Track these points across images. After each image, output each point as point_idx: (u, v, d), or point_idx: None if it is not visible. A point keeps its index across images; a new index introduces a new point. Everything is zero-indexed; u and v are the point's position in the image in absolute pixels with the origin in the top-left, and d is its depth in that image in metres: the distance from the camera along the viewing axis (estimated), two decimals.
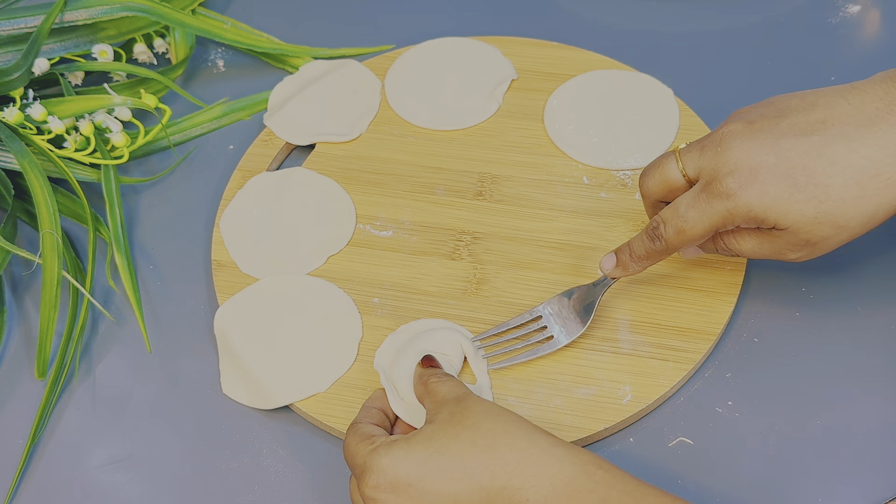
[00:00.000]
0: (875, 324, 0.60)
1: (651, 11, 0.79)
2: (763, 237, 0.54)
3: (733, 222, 0.53)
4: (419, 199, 0.68)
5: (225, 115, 0.75)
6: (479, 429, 0.48)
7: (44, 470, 0.59)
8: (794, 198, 0.51)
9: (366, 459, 0.48)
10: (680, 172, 0.55)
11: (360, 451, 0.49)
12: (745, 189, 0.51)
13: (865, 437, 0.56)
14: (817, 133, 0.51)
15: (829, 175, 0.50)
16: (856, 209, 0.51)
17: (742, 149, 0.52)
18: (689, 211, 0.53)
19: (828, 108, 0.52)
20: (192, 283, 0.66)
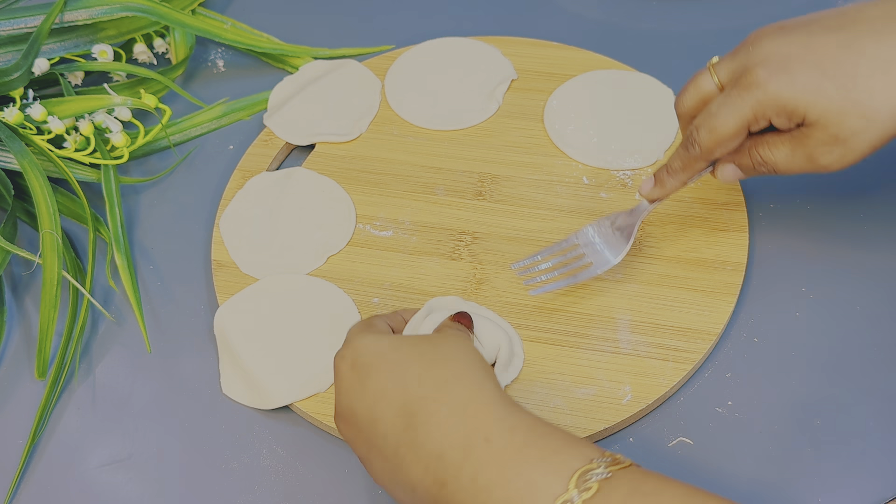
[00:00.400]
0: (875, 324, 0.60)
1: (651, 11, 0.79)
2: (794, 141, 0.54)
3: (764, 114, 0.53)
4: (419, 199, 0.68)
5: (225, 115, 0.75)
6: (436, 348, 0.50)
7: (44, 470, 0.59)
8: (823, 85, 0.52)
9: (351, 337, 0.51)
10: (715, 84, 0.56)
11: (354, 331, 0.52)
12: (775, 77, 0.52)
13: (865, 437, 0.56)
14: (846, 29, 0.52)
15: (857, 64, 0.51)
16: (884, 98, 0.51)
17: (772, 43, 0.53)
18: (720, 108, 0.54)
19: (857, 11, 0.53)
20: (192, 283, 0.66)
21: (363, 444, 0.49)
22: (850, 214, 0.65)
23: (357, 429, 0.49)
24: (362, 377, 0.49)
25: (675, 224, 0.65)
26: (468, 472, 0.45)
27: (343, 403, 0.50)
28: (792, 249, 0.64)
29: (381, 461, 0.48)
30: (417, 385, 0.47)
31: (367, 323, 0.54)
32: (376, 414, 0.48)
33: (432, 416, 0.46)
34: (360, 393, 0.49)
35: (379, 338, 0.50)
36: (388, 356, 0.49)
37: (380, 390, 0.48)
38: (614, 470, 0.43)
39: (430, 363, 0.48)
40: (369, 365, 0.49)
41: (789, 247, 0.64)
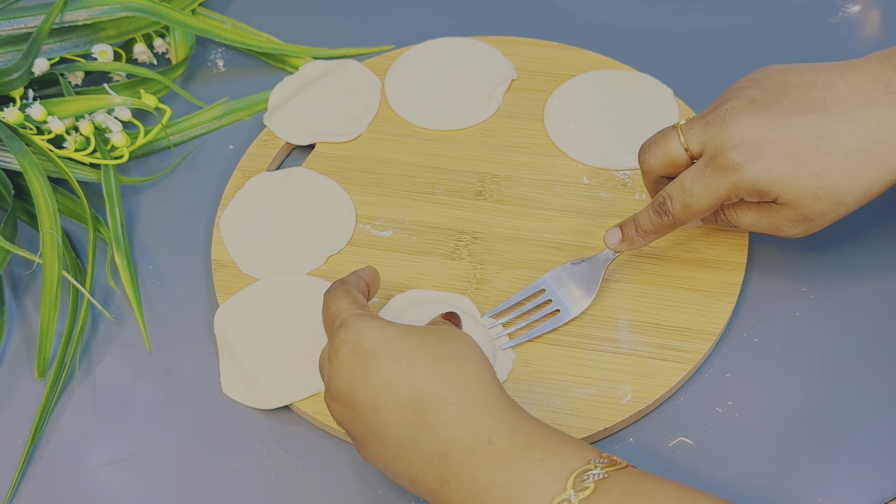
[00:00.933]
0: (875, 324, 0.60)
1: (651, 11, 0.79)
2: (763, 211, 0.56)
3: (738, 195, 0.55)
4: (419, 199, 0.68)
5: (225, 115, 0.75)
6: (443, 344, 0.50)
7: (44, 470, 0.59)
8: (797, 173, 0.53)
9: (350, 317, 0.51)
10: (682, 147, 0.56)
11: (348, 308, 0.52)
12: (751, 163, 0.53)
13: (865, 437, 0.56)
14: (818, 111, 0.53)
15: (830, 152, 0.53)
16: (853, 184, 0.53)
17: (746, 124, 0.54)
18: (694, 185, 0.55)
19: (826, 87, 0.54)
20: (192, 283, 0.66)
21: (360, 427, 0.50)
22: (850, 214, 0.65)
23: (355, 413, 0.49)
24: (366, 363, 0.49)
25: None
26: (470, 471, 0.45)
27: (341, 386, 0.50)
28: (792, 249, 0.64)
29: (378, 447, 0.49)
30: (425, 381, 0.48)
31: (352, 297, 0.53)
32: (379, 402, 0.48)
33: (440, 414, 0.47)
34: (364, 379, 0.49)
35: (383, 324, 0.50)
36: (394, 345, 0.49)
37: (386, 379, 0.48)
38: (610, 471, 0.44)
39: (438, 359, 0.49)
40: (375, 352, 0.49)
41: (789, 247, 0.64)
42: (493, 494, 0.45)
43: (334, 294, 0.53)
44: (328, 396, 0.51)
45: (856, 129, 0.53)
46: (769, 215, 0.56)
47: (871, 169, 0.53)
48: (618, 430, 0.57)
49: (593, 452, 0.46)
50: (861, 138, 0.53)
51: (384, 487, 0.56)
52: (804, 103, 0.54)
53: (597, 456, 0.45)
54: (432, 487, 0.47)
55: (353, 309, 0.52)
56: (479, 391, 0.48)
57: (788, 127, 0.53)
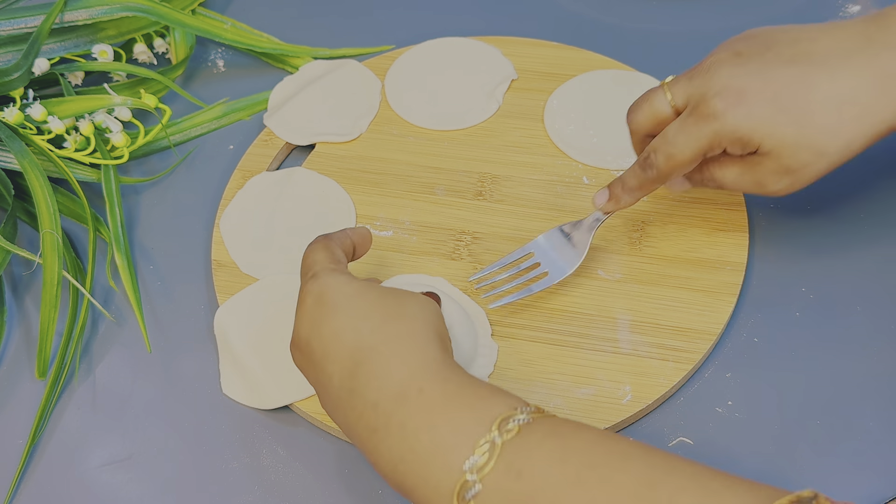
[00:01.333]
0: (875, 324, 0.60)
1: (651, 11, 0.79)
2: (746, 165, 0.56)
3: (720, 144, 0.55)
4: (419, 199, 0.68)
5: (225, 115, 0.75)
6: (399, 303, 0.51)
7: (44, 470, 0.59)
8: (778, 119, 0.53)
9: (321, 270, 0.52)
10: (668, 103, 0.57)
11: (321, 261, 0.53)
12: (732, 109, 0.54)
13: (865, 437, 0.56)
14: (801, 63, 0.54)
15: (811, 101, 0.53)
16: (835, 134, 0.54)
17: (729, 74, 0.54)
18: (678, 136, 0.56)
19: (810, 41, 0.55)
20: (192, 283, 0.66)
21: (312, 375, 0.51)
22: (850, 214, 0.65)
23: (309, 361, 0.51)
24: (324, 314, 0.50)
25: (675, 224, 0.65)
26: (398, 418, 0.47)
27: (301, 334, 0.51)
28: (792, 249, 0.64)
29: (325, 396, 0.51)
30: (369, 334, 0.49)
31: (332, 255, 0.54)
32: (328, 353, 0.50)
33: (375, 366, 0.48)
34: (319, 328, 0.50)
35: (349, 280, 0.51)
36: (353, 300, 0.50)
37: (336, 331, 0.50)
38: (536, 417, 0.46)
39: (389, 316, 0.50)
40: (333, 303, 0.50)
41: (789, 247, 0.64)
42: (420, 439, 0.46)
43: (314, 247, 0.54)
44: (291, 345, 0.53)
45: (837, 80, 0.53)
46: (752, 169, 0.56)
47: (852, 119, 0.53)
48: (618, 430, 0.57)
49: (521, 402, 0.47)
50: (842, 88, 0.53)
51: (384, 487, 0.56)
52: (787, 55, 0.54)
53: (523, 404, 0.47)
54: (363, 436, 0.48)
55: (327, 263, 0.53)
56: (420, 347, 0.49)
57: (771, 76, 0.54)
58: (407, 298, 0.52)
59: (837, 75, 0.53)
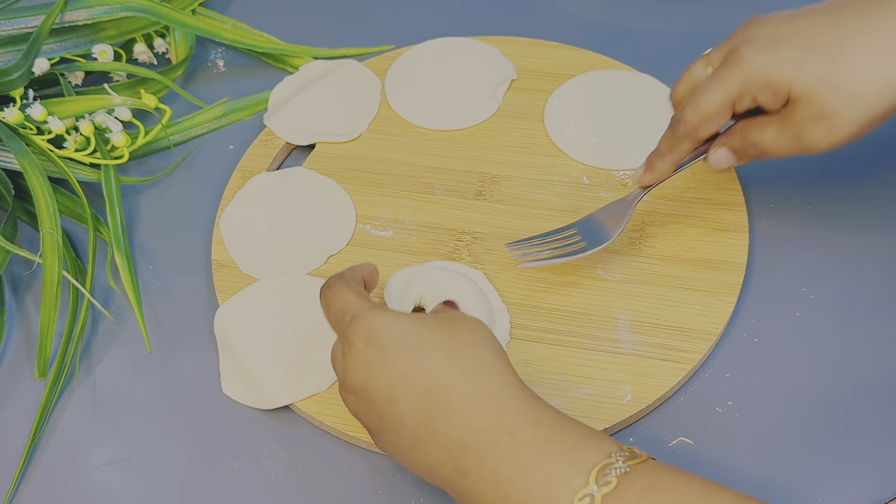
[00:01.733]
0: (875, 324, 0.60)
1: (651, 11, 0.79)
2: (782, 120, 0.55)
3: (749, 90, 0.54)
4: (419, 199, 0.68)
5: (225, 115, 0.75)
6: (457, 334, 0.49)
7: (44, 470, 0.59)
8: (806, 59, 0.53)
9: (361, 310, 0.50)
10: (707, 73, 0.57)
11: (356, 301, 0.51)
12: (759, 54, 0.54)
13: (865, 438, 0.56)
14: (832, 10, 0.54)
15: (841, 37, 0.52)
16: (867, 72, 0.52)
17: (761, 25, 0.55)
18: (706, 87, 0.56)
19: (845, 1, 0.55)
20: (192, 283, 0.66)
21: (375, 420, 0.50)
22: (850, 214, 0.65)
23: (370, 406, 0.49)
24: (380, 356, 0.49)
25: (675, 224, 0.65)
26: (490, 463, 0.45)
27: (355, 380, 0.49)
28: (792, 249, 0.64)
29: (394, 439, 0.49)
30: (440, 372, 0.48)
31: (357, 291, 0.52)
32: (395, 395, 0.48)
33: (456, 405, 0.47)
34: (379, 372, 0.49)
35: (395, 316, 0.50)
36: (408, 339, 0.49)
37: (400, 372, 0.48)
38: (632, 464, 0.44)
39: (453, 351, 0.48)
40: (388, 345, 0.49)
41: (789, 247, 0.64)
42: (514, 487, 0.45)
43: (337, 289, 0.53)
44: (343, 390, 0.51)
45: (868, 20, 0.52)
46: (788, 122, 0.54)
47: (887, 60, 0.52)
48: (618, 430, 0.57)
49: (614, 445, 0.46)
50: (874, 27, 0.52)
51: (384, 487, 0.56)
52: (820, 7, 0.55)
53: (617, 449, 0.45)
54: (451, 479, 0.47)
55: (362, 302, 0.51)
56: (496, 381, 0.48)
57: (801, 23, 0.54)
58: (458, 325, 0.50)
59: (869, 15, 0.52)
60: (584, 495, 0.43)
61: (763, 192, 0.67)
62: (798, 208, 0.66)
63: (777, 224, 0.65)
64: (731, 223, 0.64)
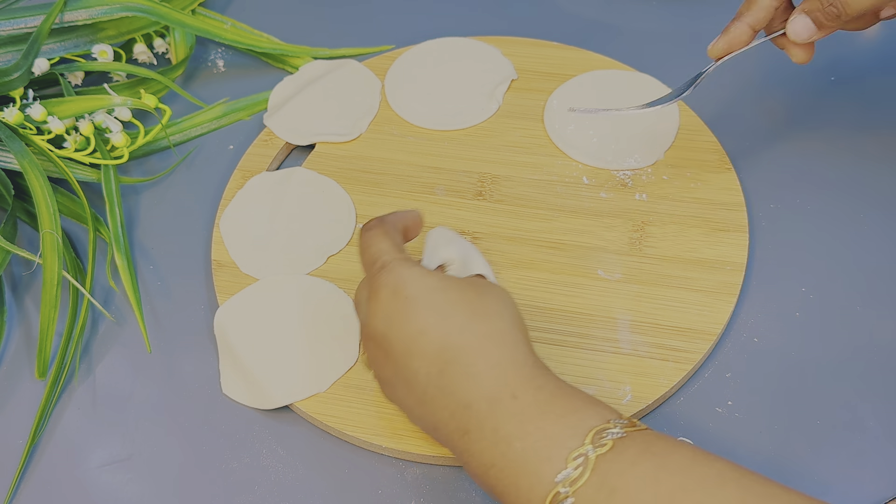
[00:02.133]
0: (875, 324, 0.60)
1: (651, 11, 0.79)
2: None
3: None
4: (419, 199, 0.68)
5: (225, 115, 0.75)
6: (482, 299, 0.50)
7: (44, 470, 0.59)
8: None
9: (392, 260, 0.51)
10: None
11: (389, 250, 0.52)
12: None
13: (865, 437, 0.56)
14: None
15: None
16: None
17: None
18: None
19: None
20: (192, 283, 0.66)
21: (390, 369, 0.51)
22: (850, 214, 0.65)
23: (387, 355, 0.50)
24: (405, 308, 0.49)
25: (675, 224, 0.65)
26: (491, 423, 0.47)
27: (377, 328, 0.50)
28: (792, 249, 0.64)
29: (405, 390, 0.50)
30: (459, 333, 0.48)
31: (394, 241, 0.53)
32: (413, 349, 0.49)
33: (468, 367, 0.48)
34: (401, 323, 0.49)
35: (425, 272, 0.50)
36: (434, 295, 0.49)
37: (421, 327, 0.49)
38: (629, 431, 0.45)
39: (474, 314, 0.49)
40: (414, 299, 0.49)
41: (789, 247, 0.64)
42: (513, 446, 0.46)
43: (374, 234, 0.53)
44: (364, 335, 0.52)
45: None
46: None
47: None
48: None
49: (613, 413, 0.47)
50: None
51: (384, 487, 0.56)
52: None
53: (616, 416, 0.46)
54: (453, 437, 0.48)
55: (394, 252, 0.52)
56: (510, 348, 0.49)
57: None
58: (487, 292, 0.51)
59: None
60: (578, 454, 0.44)
61: (763, 192, 0.67)
62: (798, 208, 0.66)
63: (777, 224, 0.65)
64: (731, 223, 0.64)
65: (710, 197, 0.66)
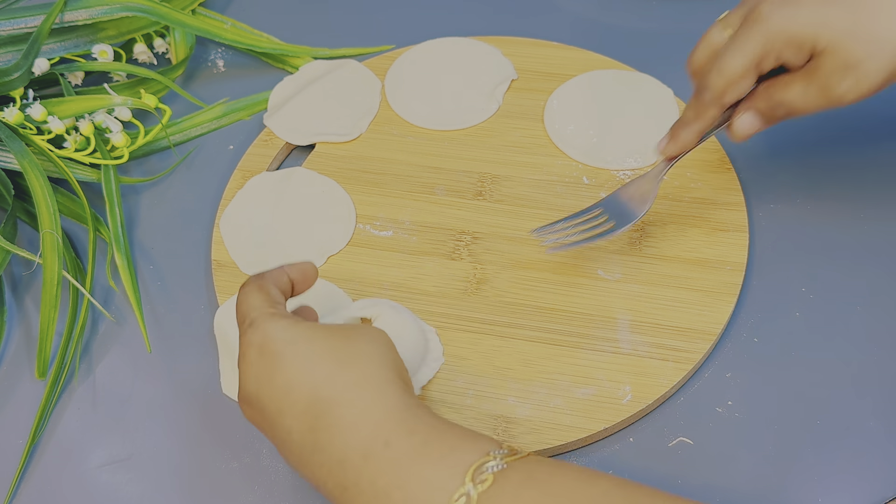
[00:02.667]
0: (875, 324, 0.60)
1: (651, 11, 0.79)
2: (807, 75, 0.54)
3: (773, 48, 0.53)
4: (419, 199, 0.68)
5: (225, 115, 0.75)
6: (349, 343, 0.48)
7: (44, 470, 0.59)
8: (828, 13, 0.52)
9: (259, 316, 0.49)
10: (725, 36, 0.56)
11: (258, 307, 0.50)
12: (778, 10, 0.53)
13: (865, 437, 0.56)
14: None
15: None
16: (891, 21, 0.51)
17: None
18: (727, 49, 0.55)
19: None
20: (192, 283, 0.66)
21: (268, 431, 0.49)
22: (850, 215, 0.65)
23: (262, 417, 0.49)
24: (271, 366, 0.48)
25: (675, 224, 0.65)
26: (367, 476, 0.45)
27: (249, 389, 0.49)
28: (792, 249, 0.64)
29: (285, 451, 0.48)
30: (326, 385, 0.47)
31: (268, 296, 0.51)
32: (283, 407, 0.47)
33: (337, 419, 0.46)
34: (268, 382, 0.48)
35: (290, 324, 0.49)
36: (299, 347, 0.48)
37: (287, 384, 0.47)
38: (510, 461, 0.44)
39: (341, 363, 0.47)
40: (279, 353, 0.48)
41: (789, 247, 0.64)
42: (392, 497, 0.44)
43: (247, 291, 0.51)
44: (240, 399, 0.50)
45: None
46: (814, 76, 0.54)
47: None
48: (618, 430, 0.57)
49: (492, 444, 0.45)
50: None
51: None
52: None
53: (496, 447, 0.45)
54: (334, 493, 0.46)
55: (264, 307, 0.50)
56: (379, 393, 0.47)
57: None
58: (356, 336, 0.49)
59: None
60: (459, 495, 0.43)
61: (763, 192, 0.67)
62: (798, 208, 0.66)
63: (777, 224, 0.65)
64: (731, 223, 0.64)
65: (710, 197, 0.66)
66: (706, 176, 0.67)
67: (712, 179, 0.67)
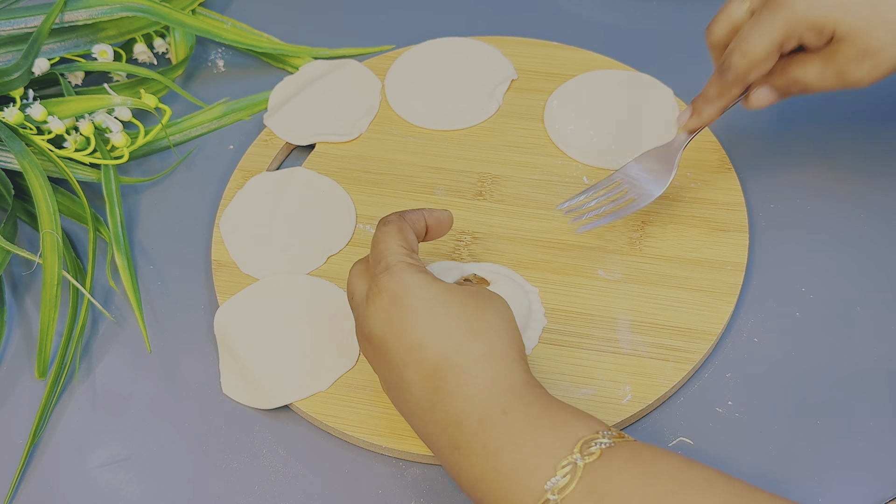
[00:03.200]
0: (875, 324, 0.60)
1: (651, 11, 0.79)
2: (825, 57, 0.56)
3: (795, 32, 0.55)
4: (419, 199, 0.68)
5: (225, 115, 0.75)
6: (481, 315, 0.50)
7: (44, 470, 0.59)
8: (850, 1, 0.53)
9: (397, 263, 0.51)
10: (745, 11, 0.58)
11: (396, 251, 0.51)
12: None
13: (865, 437, 0.56)
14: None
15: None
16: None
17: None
18: (751, 31, 0.56)
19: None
20: (192, 283, 0.66)
21: (385, 373, 0.51)
22: (850, 215, 0.65)
23: (383, 359, 0.50)
24: (403, 318, 0.49)
25: (675, 224, 0.65)
26: (481, 438, 0.47)
27: (374, 330, 0.50)
28: (792, 249, 0.64)
29: (399, 398, 0.51)
30: (455, 353, 0.49)
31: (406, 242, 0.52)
32: (409, 360, 0.49)
33: (461, 386, 0.48)
34: (398, 334, 0.49)
35: (427, 282, 0.50)
36: (434, 308, 0.49)
37: (418, 341, 0.49)
38: (617, 441, 0.46)
39: (473, 333, 0.49)
40: (414, 309, 0.49)
41: (789, 247, 0.64)
42: (502, 459, 0.46)
43: (387, 231, 0.53)
44: (360, 333, 0.52)
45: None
46: (832, 59, 0.56)
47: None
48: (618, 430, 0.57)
49: (602, 425, 0.47)
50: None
51: (384, 487, 0.56)
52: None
53: (605, 428, 0.47)
54: (444, 451, 0.48)
55: (401, 254, 0.51)
56: (505, 369, 0.49)
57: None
58: (486, 307, 0.51)
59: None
60: (566, 463, 0.45)
61: (763, 192, 0.67)
62: (798, 208, 0.66)
63: (777, 224, 0.65)
64: (731, 223, 0.64)
65: (710, 197, 0.66)
66: (706, 176, 0.67)
67: (712, 179, 0.67)
